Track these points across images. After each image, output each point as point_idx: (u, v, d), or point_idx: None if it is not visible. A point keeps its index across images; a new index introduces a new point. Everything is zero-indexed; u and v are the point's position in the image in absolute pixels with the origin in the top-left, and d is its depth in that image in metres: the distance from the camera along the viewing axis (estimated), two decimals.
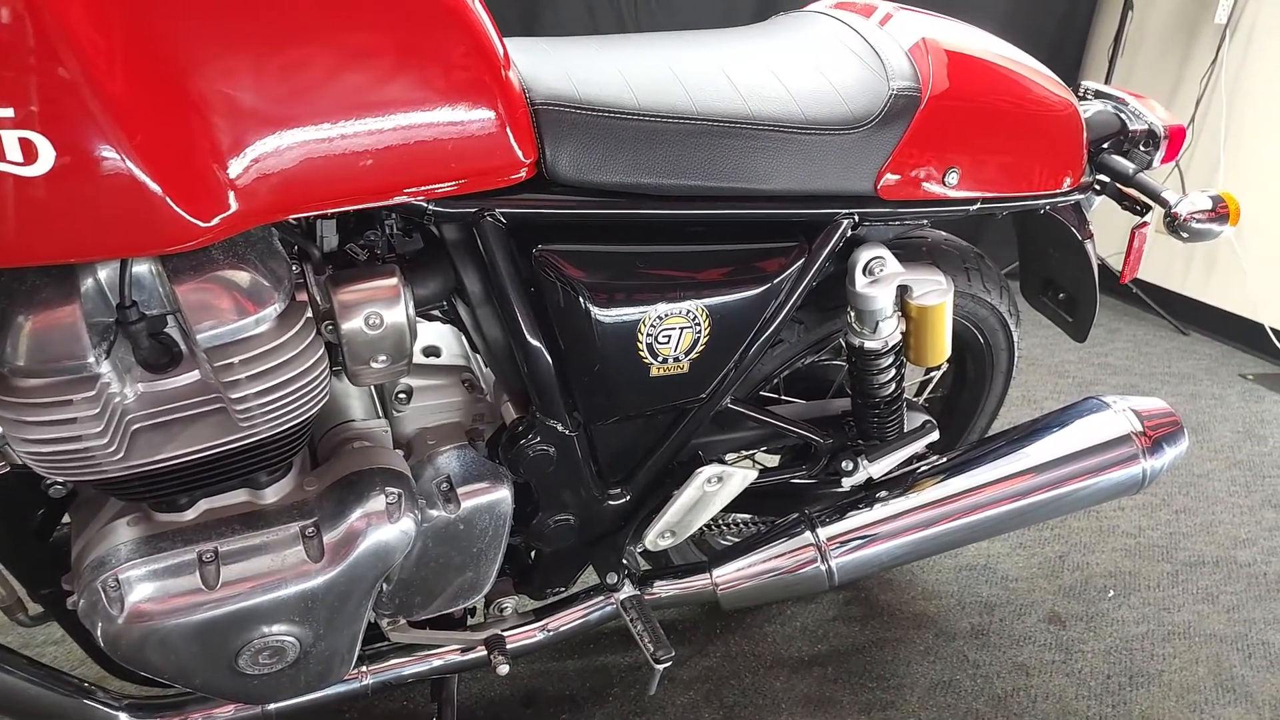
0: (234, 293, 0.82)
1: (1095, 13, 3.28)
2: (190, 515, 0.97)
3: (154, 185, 0.72)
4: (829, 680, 1.60)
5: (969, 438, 1.66)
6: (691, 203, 1.06)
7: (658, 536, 1.29)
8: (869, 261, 1.21)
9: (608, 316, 1.04)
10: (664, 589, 1.37)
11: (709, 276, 1.10)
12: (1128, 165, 1.30)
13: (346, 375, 0.99)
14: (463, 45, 0.86)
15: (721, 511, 1.32)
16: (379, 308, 0.93)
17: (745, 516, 1.66)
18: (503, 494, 1.10)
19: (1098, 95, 1.40)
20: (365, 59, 0.81)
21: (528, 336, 1.04)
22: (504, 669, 1.24)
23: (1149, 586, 1.88)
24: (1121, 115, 1.35)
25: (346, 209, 0.87)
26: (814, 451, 1.41)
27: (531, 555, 1.35)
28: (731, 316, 1.12)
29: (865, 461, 1.36)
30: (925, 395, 1.70)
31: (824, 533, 1.34)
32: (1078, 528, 2.04)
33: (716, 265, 1.11)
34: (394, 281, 0.94)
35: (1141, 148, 1.34)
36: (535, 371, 1.07)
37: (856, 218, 1.15)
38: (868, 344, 1.27)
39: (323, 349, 0.92)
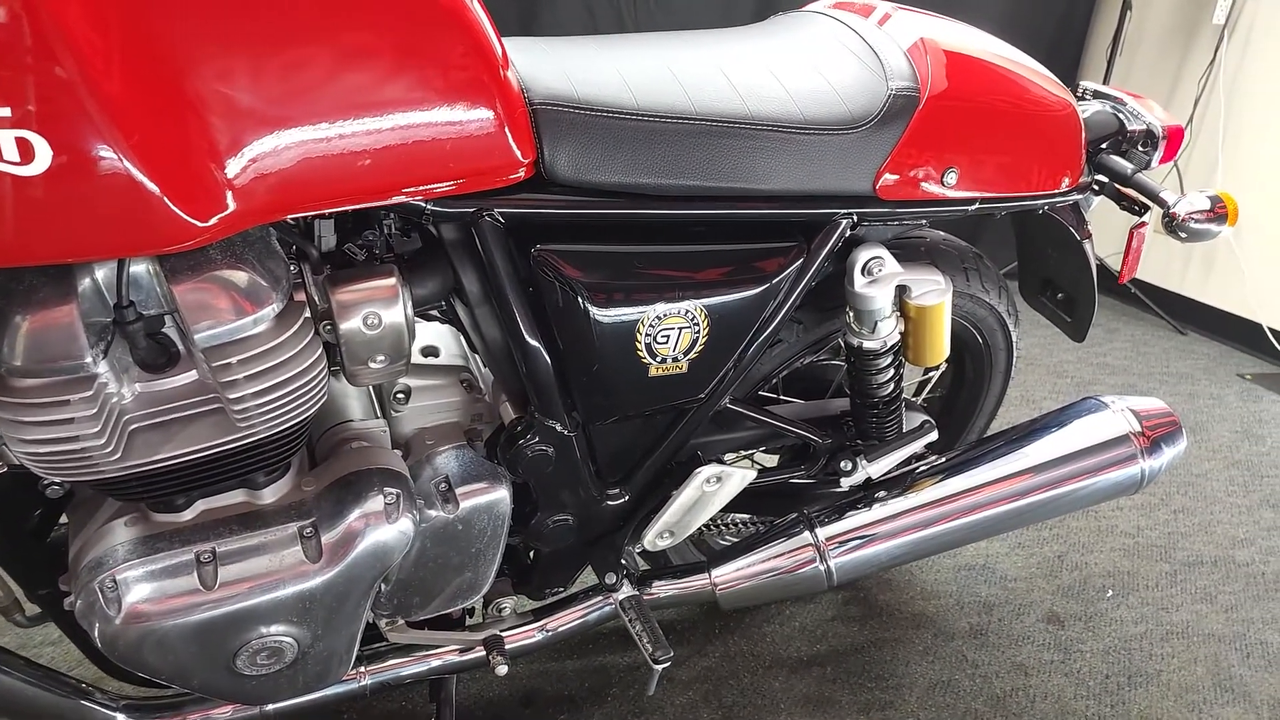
0: (232, 293, 0.82)
1: (1094, 13, 3.28)
2: (188, 516, 0.97)
3: (151, 185, 0.72)
4: (828, 680, 1.60)
5: (968, 438, 1.66)
6: (690, 203, 1.05)
7: (656, 537, 1.29)
8: (868, 261, 1.21)
9: (606, 316, 1.04)
10: (663, 589, 1.37)
11: (708, 276, 1.10)
12: (1126, 165, 1.30)
13: (345, 375, 0.98)
14: (461, 45, 0.86)
15: (720, 511, 1.32)
16: (377, 308, 0.93)
17: (744, 516, 1.66)
18: (501, 494, 1.10)
19: (1096, 95, 1.40)
20: (363, 59, 0.81)
21: (526, 336, 1.04)
22: (503, 669, 1.24)
23: (1147, 586, 1.88)
24: (1120, 115, 1.35)
25: (344, 209, 0.87)
26: (813, 451, 1.41)
27: (530, 555, 1.35)
28: (730, 316, 1.12)
29: (864, 461, 1.36)
30: (924, 395, 1.70)
31: (823, 533, 1.34)
32: (1076, 527, 2.04)
33: (715, 265, 1.11)
34: (392, 281, 0.94)
35: (1140, 148, 1.34)
36: (534, 371, 1.07)
37: (855, 218, 1.15)
38: (866, 344, 1.27)
39: (321, 349, 0.92)
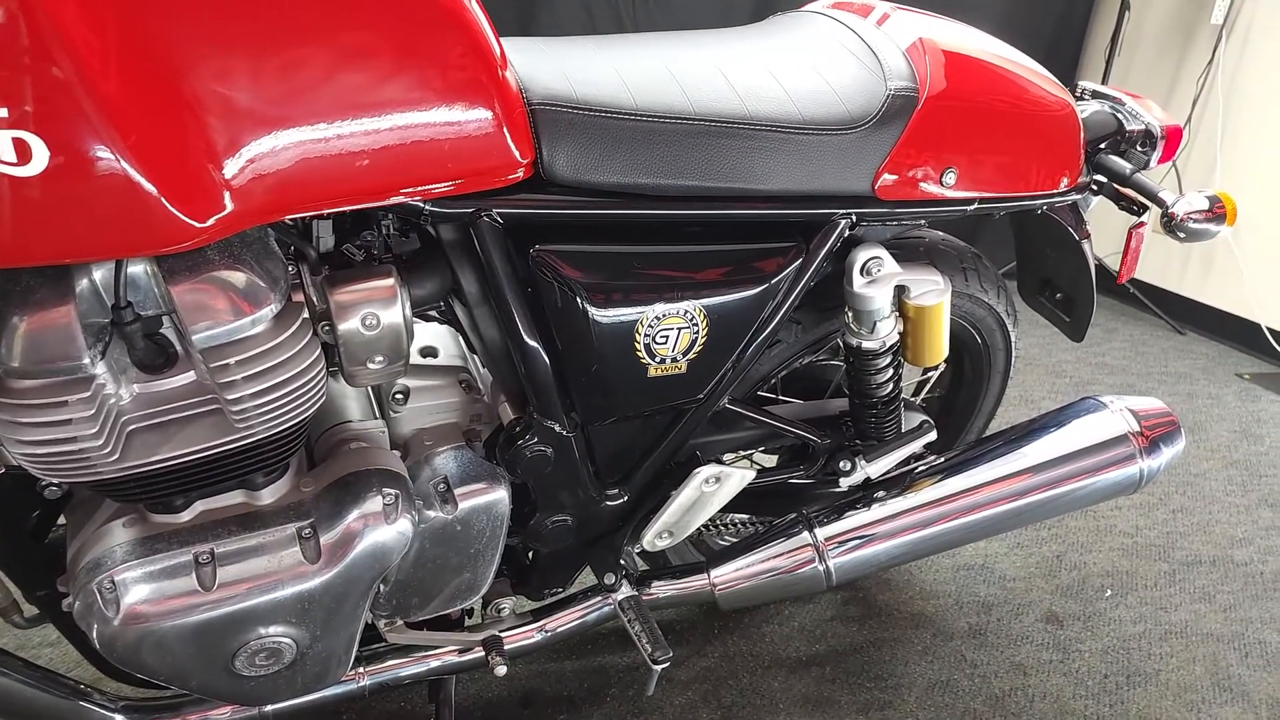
0: (230, 293, 0.82)
1: (1092, 13, 3.29)
2: (186, 517, 0.96)
3: (149, 185, 0.71)
4: (827, 680, 1.60)
5: (966, 438, 1.66)
6: (689, 203, 1.05)
7: (655, 537, 1.29)
8: (866, 261, 1.21)
9: (605, 317, 1.04)
10: (662, 589, 1.37)
11: (706, 277, 1.10)
12: (1125, 165, 1.30)
13: (343, 376, 0.98)
14: (459, 45, 0.85)
15: (719, 512, 1.32)
16: (376, 308, 0.93)
17: (743, 517, 1.66)
18: (500, 495, 1.10)
19: (1095, 95, 1.40)
20: (361, 59, 0.81)
21: (525, 337, 1.04)
22: (502, 670, 1.24)
23: (1146, 586, 1.88)
24: (1118, 115, 1.35)
25: (343, 209, 0.87)
26: (812, 452, 1.41)
27: (529, 556, 1.35)
28: (729, 317, 1.12)
29: (863, 461, 1.36)
30: (923, 395, 1.70)
31: (822, 533, 1.34)
32: (1075, 527, 2.04)
33: (714, 265, 1.11)
34: (391, 282, 0.94)
35: (1138, 148, 1.34)
36: (532, 372, 1.07)
37: (854, 218, 1.15)
38: (865, 344, 1.27)
39: (319, 350, 0.91)
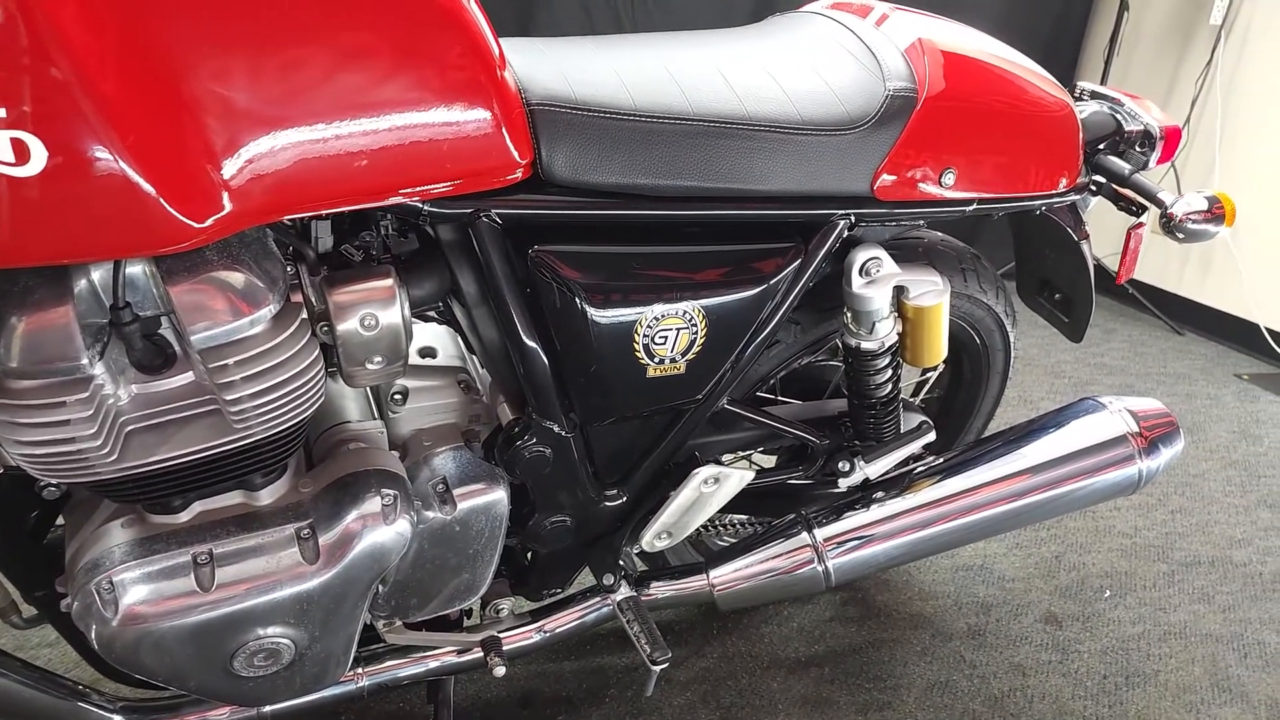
0: (228, 294, 0.82)
1: (1091, 13, 3.29)
2: (185, 517, 0.96)
3: (147, 186, 0.71)
4: (826, 681, 1.60)
5: (965, 438, 1.66)
6: (688, 203, 1.05)
7: (654, 538, 1.29)
8: (865, 262, 1.21)
9: (604, 317, 1.04)
10: (661, 590, 1.37)
11: (705, 277, 1.10)
12: (1124, 166, 1.30)
13: (342, 376, 0.98)
14: (458, 45, 0.85)
15: (718, 512, 1.32)
16: (374, 309, 0.93)
17: (742, 517, 1.66)
18: (499, 495, 1.10)
19: (1093, 96, 1.40)
20: (360, 59, 0.81)
21: (524, 337, 1.04)
22: (500, 670, 1.24)
23: (1145, 586, 1.88)
24: (1117, 116, 1.35)
25: (341, 210, 0.87)
26: (811, 452, 1.41)
27: (528, 556, 1.34)
28: (728, 317, 1.12)
29: (862, 462, 1.36)
30: (922, 396, 1.70)
31: (821, 533, 1.34)
32: (1074, 528, 2.04)
33: (713, 266, 1.11)
34: (389, 282, 0.94)
35: (1137, 148, 1.34)
36: (531, 372, 1.07)
37: (853, 218, 1.15)
38: (864, 345, 1.27)
39: (318, 350, 0.91)
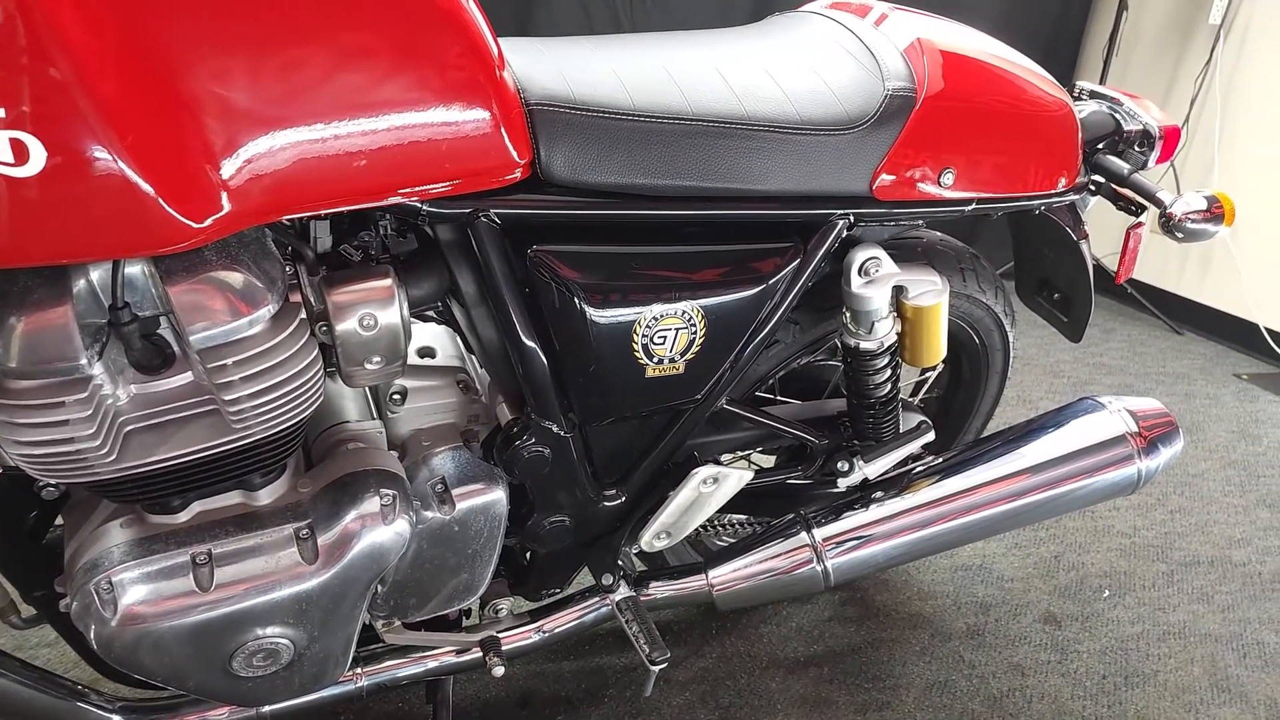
0: (227, 294, 0.82)
1: (1090, 13, 3.29)
2: (184, 517, 0.96)
3: (146, 186, 0.71)
4: (825, 681, 1.60)
5: (964, 438, 1.66)
6: (687, 203, 1.05)
7: (653, 538, 1.29)
8: (864, 262, 1.21)
9: (603, 317, 1.04)
10: (659, 590, 1.37)
11: (704, 277, 1.10)
12: (1123, 166, 1.30)
13: (341, 376, 0.98)
14: (457, 45, 0.85)
15: (717, 512, 1.32)
16: (373, 309, 0.93)
17: (741, 517, 1.66)
18: (498, 495, 1.10)
19: (1093, 95, 1.40)
20: (359, 59, 0.81)
21: (523, 337, 1.04)
22: (499, 670, 1.24)
23: (1144, 586, 1.88)
24: (1116, 115, 1.35)
25: (340, 210, 0.87)
26: (810, 452, 1.41)
27: (527, 556, 1.34)
28: (727, 317, 1.12)
29: (861, 462, 1.36)
30: (921, 396, 1.70)
31: (820, 533, 1.34)
32: (1073, 528, 2.04)
33: (712, 266, 1.11)
34: (388, 282, 0.94)
35: (1136, 148, 1.34)
36: (530, 372, 1.07)
37: (852, 218, 1.15)
38: (863, 344, 1.27)
39: (317, 350, 0.91)
